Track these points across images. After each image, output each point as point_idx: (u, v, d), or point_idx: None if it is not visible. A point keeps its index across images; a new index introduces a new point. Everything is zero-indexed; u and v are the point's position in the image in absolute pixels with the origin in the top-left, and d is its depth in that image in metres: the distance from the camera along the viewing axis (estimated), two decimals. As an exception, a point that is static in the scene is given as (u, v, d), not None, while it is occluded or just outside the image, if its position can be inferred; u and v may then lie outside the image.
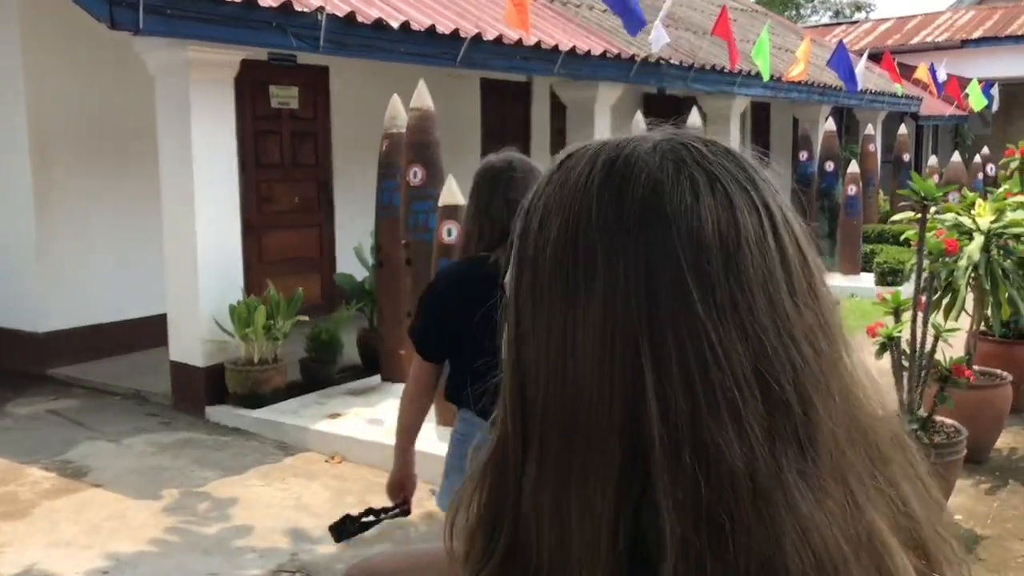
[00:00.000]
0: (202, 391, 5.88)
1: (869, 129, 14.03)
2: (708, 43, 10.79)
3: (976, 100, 18.52)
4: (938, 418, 4.17)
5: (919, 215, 4.31)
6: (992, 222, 4.76)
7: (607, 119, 9.43)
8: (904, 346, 4.06)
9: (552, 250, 0.58)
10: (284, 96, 8.59)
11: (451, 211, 4.92)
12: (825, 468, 0.54)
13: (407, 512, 2.58)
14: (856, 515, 0.54)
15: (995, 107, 20.06)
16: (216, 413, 5.81)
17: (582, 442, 0.55)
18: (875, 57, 16.55)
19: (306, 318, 6.00)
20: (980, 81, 18.59)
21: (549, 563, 0.54)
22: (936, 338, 4.17)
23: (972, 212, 4.85)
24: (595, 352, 0.55)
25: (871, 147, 13.38)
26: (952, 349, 4.44)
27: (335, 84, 9.00)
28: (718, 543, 0.51)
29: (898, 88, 15.45)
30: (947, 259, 4.49)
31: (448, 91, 10.43)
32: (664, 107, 14.15)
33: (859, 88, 13.01)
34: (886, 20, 23.95)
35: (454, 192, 4.94)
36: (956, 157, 12.10)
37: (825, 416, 0.55)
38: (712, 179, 0.57)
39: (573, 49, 7.89)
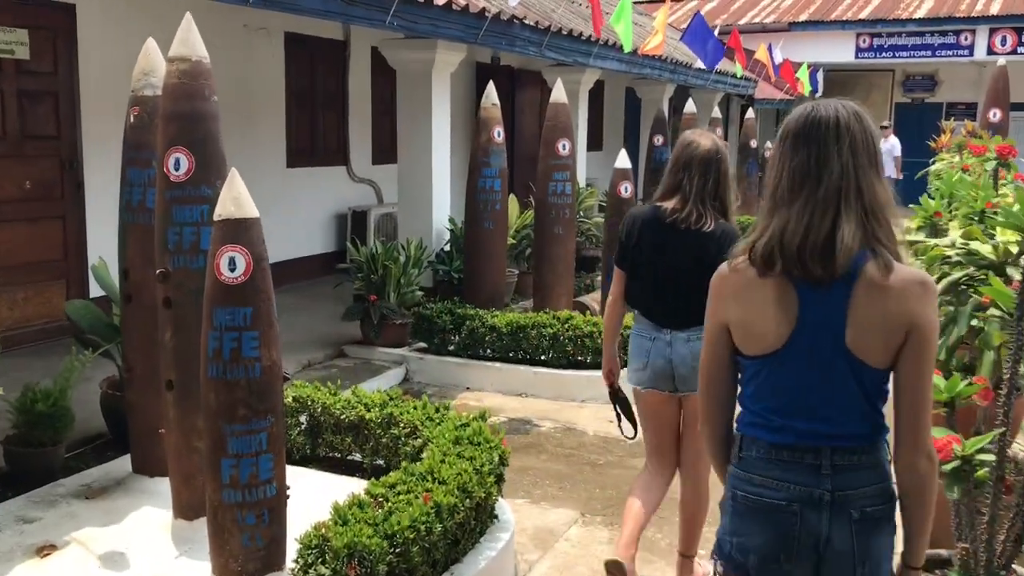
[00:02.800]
0: None
1: (716, 112, 12.96)
2: (561, 7, 9.16)
3: (805, 84, 18.09)
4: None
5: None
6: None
7: (446, 88, 7.61)
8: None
9: (792, 140, 1.89)
10: (7, 41, 6.19)
11: (235, 229, 2.97)
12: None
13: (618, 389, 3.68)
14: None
15: (820, 93, 19.83)
16: None
17: (811, 191, 1.84)
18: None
19: None
20: (808, 66, 18.19)
21: (799, 243, 1.83)
22: None
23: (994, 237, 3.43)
24: (813, 162, 1.86)
25: (718, 132, 12.29)
26: None
27: (85, 27, 6.67)
28: (862, 213, 1.83)
29: (738, 69, 14.52)
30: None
31: (244, 47, 8.25)
32: (500, 79, 12.45)
33: (716, 66, 11.84)
34: (711, -1, 23.34)
35: (240, 199, 2.99)
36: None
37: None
38: (836, 114, 1.89)
39: (409, -6, 6.02)
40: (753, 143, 12.97)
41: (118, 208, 3.99)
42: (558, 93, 6.78)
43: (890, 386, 1.89)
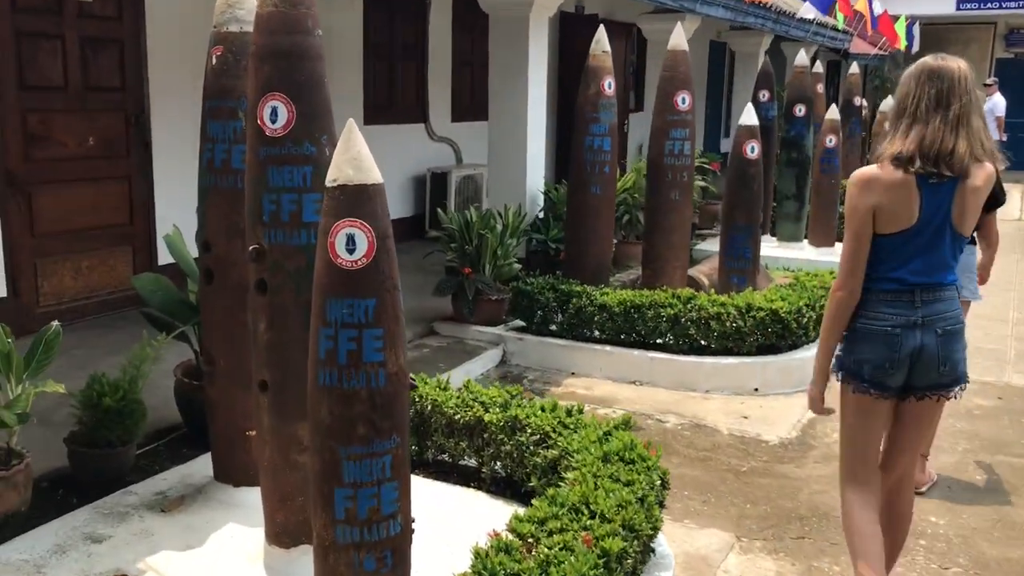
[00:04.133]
0: None
1: (818, 67, 11.96)
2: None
3: (902, 38, 16.90)
4: None
5: None
6: None
7: (544, 35, 6.86)
8: None
9: (928, 75, 2.67)
10: (69, -19, 5.59)
11: (355, 198, 2.31)
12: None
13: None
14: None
15: (915, 48, 18.56)
16: None
17: (943, 114, 2.63)
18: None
19: (60, 390, 3.21)
20: (906, 18, 16.98)
21: (937, 150, 2.63)
22: None
23: None
24: (946, 94, 2.64)
25: (820, 88, 11.30)
26: None
27: (152, -34, 6.04)
28: (971, 135, 2.65)
29: (839, 19, 13.46)
30: None
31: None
32: (585, 30, 11.61)
33: (816, 17, 10.86)
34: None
35: (360, 160, 2.32)
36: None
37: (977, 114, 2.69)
38: (957, 67, 2.68)
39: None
40: (857, 100, 11.90)
41: (197, 168, 3.35)
42: (677, 39, 5.99)
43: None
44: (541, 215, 6.99)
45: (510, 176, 6.90)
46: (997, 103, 17.01)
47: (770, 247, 9.05)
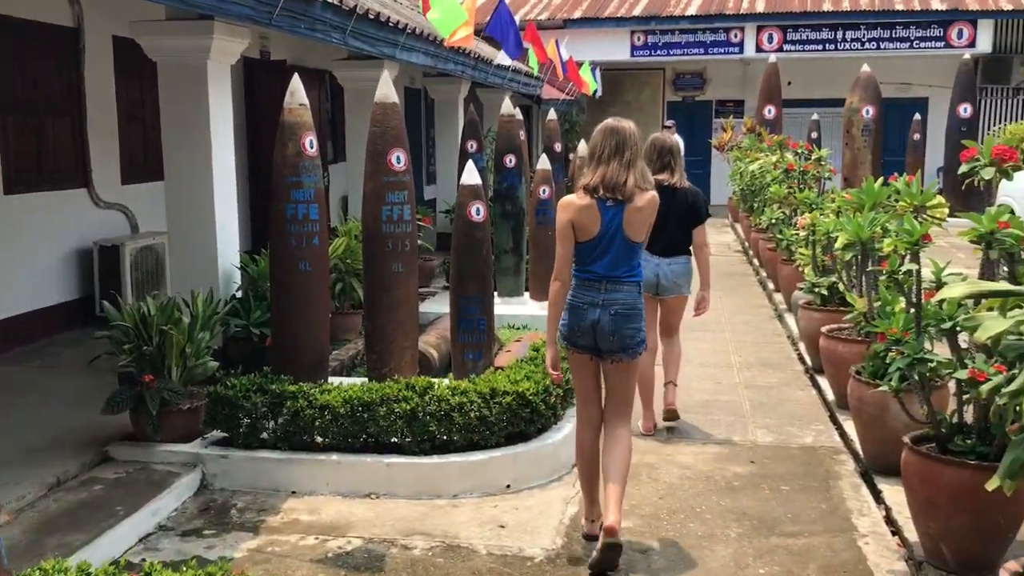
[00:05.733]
0: None
1: (518, 113, 11.81)
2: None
3: (590, 83, 17.52)
4: None
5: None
6: None
7: (227, 84, 5.83)
8: None
9: (609, 132, 3.88)
10: None
11: None
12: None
13: None
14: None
15: (600, 92, 19.37)
16: None
17: (619, 159, 3.84)
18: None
19: None
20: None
21: (613, 183, 3.97)
22: None
23: None
24: (620, 145, 3.84)
25: (522, 135, 11.12)
26: None
27: None
28: (637, 173, 3.87)
29: (534, 66, 13.51)
30: None
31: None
32: (271, 77, 10.57)
33: (511, 64, 10.68)
34: (478, -5, 22.32)
35: None
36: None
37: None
38: (628, 126, 3.93)
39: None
40: (557, 147, 11.83)
41: None
42: (386, 90, 5.20)
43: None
44: (239, 294, 5.92)
45: (197, 251, 5.78)
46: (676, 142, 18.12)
47: (492, 304, 8.55)
